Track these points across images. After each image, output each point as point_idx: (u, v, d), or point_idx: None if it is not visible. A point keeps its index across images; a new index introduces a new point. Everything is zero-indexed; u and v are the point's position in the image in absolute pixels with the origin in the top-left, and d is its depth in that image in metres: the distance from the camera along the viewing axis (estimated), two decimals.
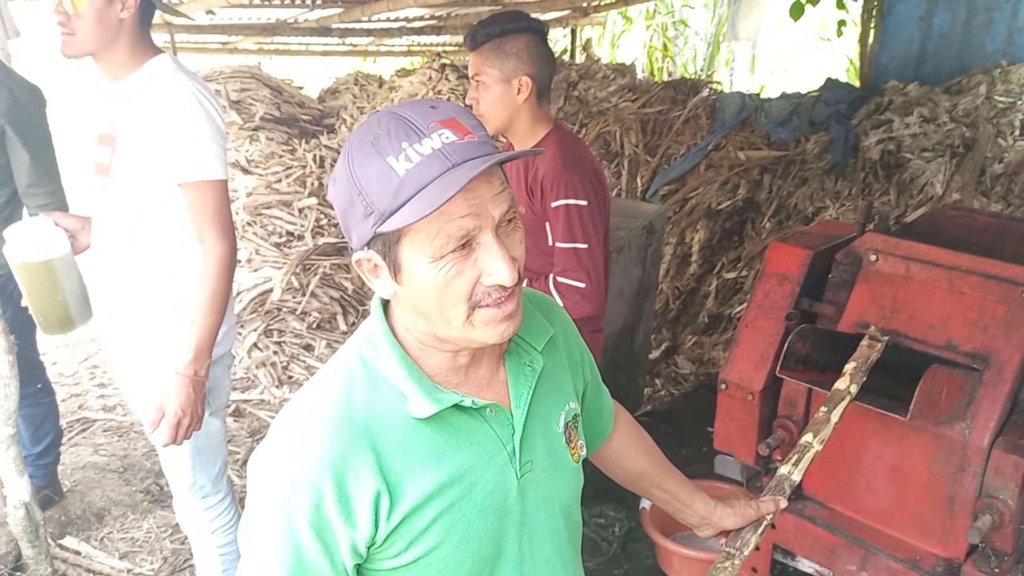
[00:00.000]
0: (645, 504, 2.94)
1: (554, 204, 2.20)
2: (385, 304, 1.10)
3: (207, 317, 2.07)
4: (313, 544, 0.98)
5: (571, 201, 2.18)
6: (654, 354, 4.73)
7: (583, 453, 1.23)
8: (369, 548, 1.01)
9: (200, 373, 2.08)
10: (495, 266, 0.97)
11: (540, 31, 2.24)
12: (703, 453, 3.52)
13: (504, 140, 2.43)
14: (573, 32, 8.43)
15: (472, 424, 1.07)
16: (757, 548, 2.28)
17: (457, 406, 1.05)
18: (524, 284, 1.14)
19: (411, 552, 1.03)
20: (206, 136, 2.03)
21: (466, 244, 0.97)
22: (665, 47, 10.60)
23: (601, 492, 3.34)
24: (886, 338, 1.93)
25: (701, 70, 9.94)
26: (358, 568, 1.04)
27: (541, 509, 1.14)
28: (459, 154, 0.94)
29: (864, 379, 1.83)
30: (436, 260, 0.96)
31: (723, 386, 2.33)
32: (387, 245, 0.98)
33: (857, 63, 6.16)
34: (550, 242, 2.27)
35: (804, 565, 2.30)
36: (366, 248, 1.01)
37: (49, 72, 8.69)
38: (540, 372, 1.14)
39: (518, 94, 2.21)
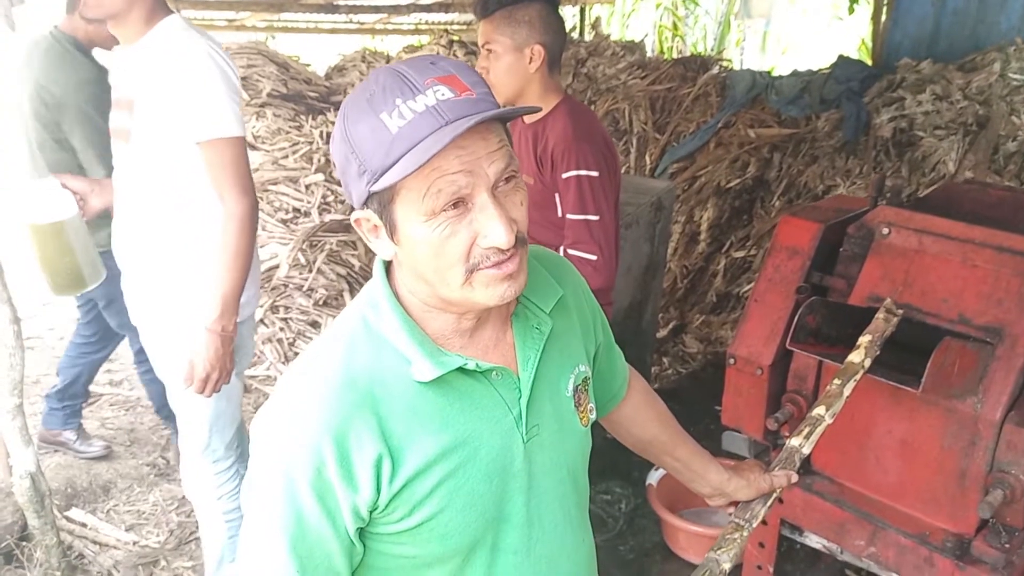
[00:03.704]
0: (652, 480, 2.95)
1: (565, 175, 2.18)
2: (388, 266, 1.08)
3: (231, 273, 2.10)
4: (315, 508, 0.97)
5: (582, 172, 2.16)
6: (662, 332, 4.71)
7: (592, 417, 1.21)
8: (371, 512, 1.00)
9: (228, 328, 2.13)
10: (491, 227, 0.94)
11: None
12: (710, 431, 3.50)
13: None
14: (582, 11, 8.36)
15: (477, 388, 1.05)
16: (764, 522, 2.28)
17: (461, 369, 1.03)
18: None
19: (414, 517, 1.01)
20: (222, 93, 2.03)
21: (460, 203, 0.94)
22: (675, 26, 10.51)
23: (608, 468, 3.35)
24: (901, 311, 1.90)
25: (711, 49, 9.85)
26: (361, 532, 1.02)
27: (549, 474, 1.12)
28: (453, 111, 0.91)
29: (878, 353, 1.81)
30: (430, 219, 0.94)
31: (731, 361, 2.31)
32: (383, 204, 0.96)
33: (869, 42, 6.10)
34: (560, 214, 2.25)
35: (812, 540, 2.29)
36: (364, 207, 0.99)
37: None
38: (548, 334, 1.12)
39: (530, 63, 2.19)
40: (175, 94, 2.02)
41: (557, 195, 2.24)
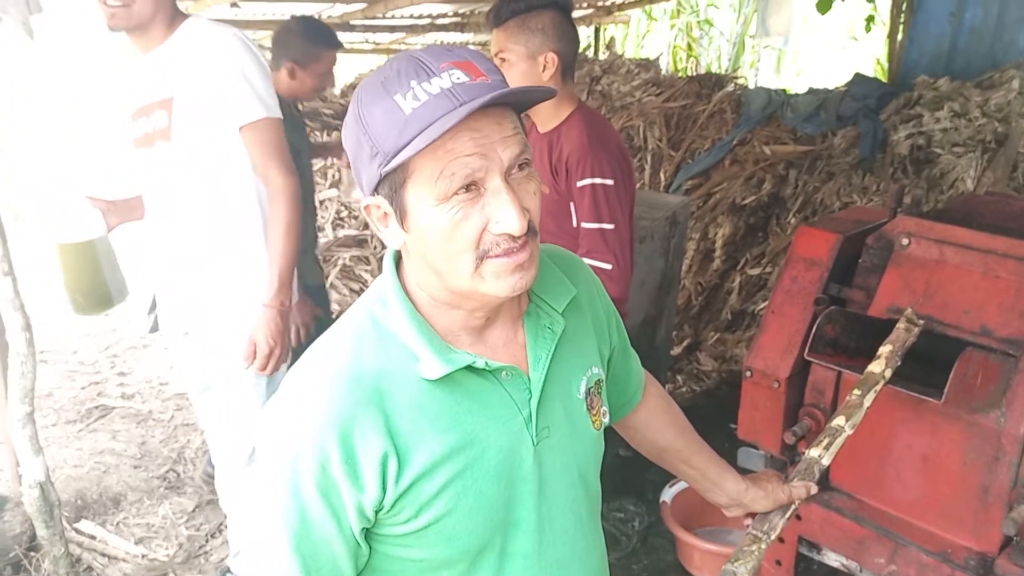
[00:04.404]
0: (666, 498, 2.91)
1: (580, 183, 2.16)
2: (398, 261, 1.06)
3: (286, 248, 2.18)
4: (319, 506, 0.95)
5: (597, 180, 2.14)
6: (676, 350, 4.67)
7: (606, 421, 1.18)
8: (377, 513, 0.98)
9: (285, 304, 2.20)
10: (503, 212, 0.92)
11: (565, 7, 2.20)
12: (725, 449, 3.42)
13: (527, 120, 2.39)
14: (597, 31, 8.37)
15: (486, 387, 1.02)
16: (781, 540, 2.24)
17: (470, 368, 1.00)
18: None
19: (421, 519, 0.99)
20: (259, 77, 2.12)
21: (473, 187, 0.92)
22: (689, 47, 10.52)
23: (621, 486, 3.30)
24: (922, 321, 1.86)
25: (726, 70, 9.84)
26: (366, 533, 1.00)
27: (560, 478, 1.09)
28: (468, 93, 0.90)
29: (899, 364, 1.77)
30: (442, 203, 0.92)
31: (748, 373, 2.27)
32: (393, 188, 0.95)
33: (885, 62, 6.06)
34: (575, 223, 2.23)
35: (830, 558, 2.24)
36: (375, 194, 0.97)
37: (70, 48, 8.77)
38: (560, 334, 1.09)
39: (544, 71, 2.17)
40: (216, 83, 2.08)
41: (572, 204, 2.21)
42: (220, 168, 2.17)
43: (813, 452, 1.55)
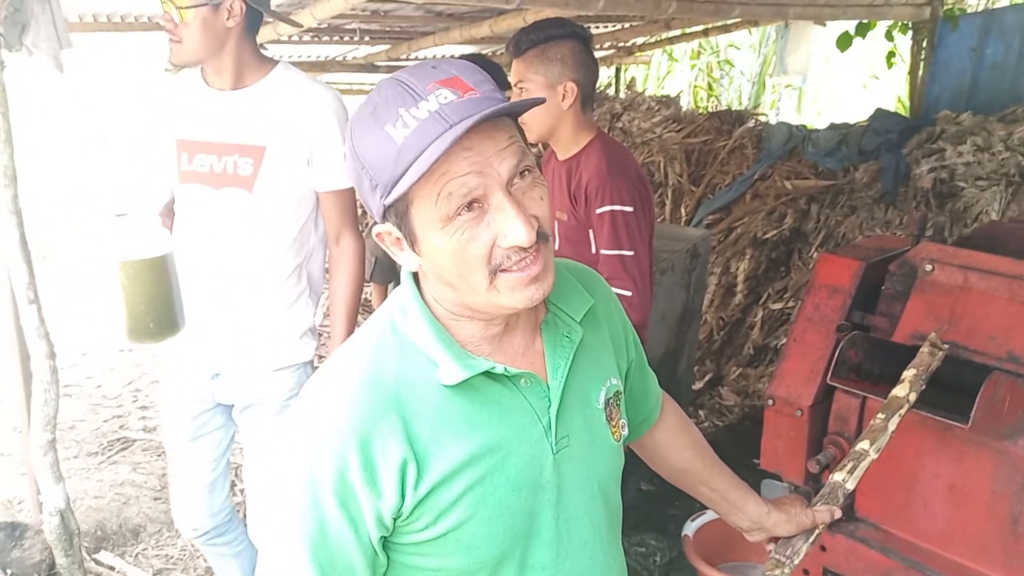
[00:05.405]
0: (688, 531, 2.86)
1: (599, 210, 2.16)
2: (416, 272, 1.07)
3: (354, 308, 2.22)
4: (337, 515, 0.94)
5: (616, 207, 2.14)
6: (698, 385, 4.63)
7: (625, 433, 1.17)
8: (395, 520, 0.97)
9: None
10: (509, 226, 0.92)
11: (584, 37, 2.22)
12: (748, 484, 3.41)
13: (546, 148, 2.41)
14: (617, 71, 8.44)
15: (505, 394, 1.02)
16: (806, 572, 2.19)
17: (489, 374, 1.00)
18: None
19: (439, 526, 0.98)
20: None
21: (476, 205, 0.92)
22: (710, 87, 10.58)
23: (642, 520, 3.26)
24: (947, 345, 1.84)
25: (746, 109, 9.88)
26: (384, 542, 0.99)
27: (579, 488, 1.08)
28: (457, 113, 0.89)
29: (923, 388, 1.75)
30: (446, 225, 0.92)
31: (770, 402, 2.24)
32: (399, 216, 0.96)
33: (906, 99, 6.06)
34: (594, 250, 2.23)
35: None
36: (384, 221, 0.98)
37: (98, 83, 8.94)
38: (579, 344, 1.09)
39: (563, 100, 2.19)
40: (318, 146, 2.06)
41: (591, 231, 2.22)
42: (288, 221, 2.13)
43: (837, 476, 1.53)
